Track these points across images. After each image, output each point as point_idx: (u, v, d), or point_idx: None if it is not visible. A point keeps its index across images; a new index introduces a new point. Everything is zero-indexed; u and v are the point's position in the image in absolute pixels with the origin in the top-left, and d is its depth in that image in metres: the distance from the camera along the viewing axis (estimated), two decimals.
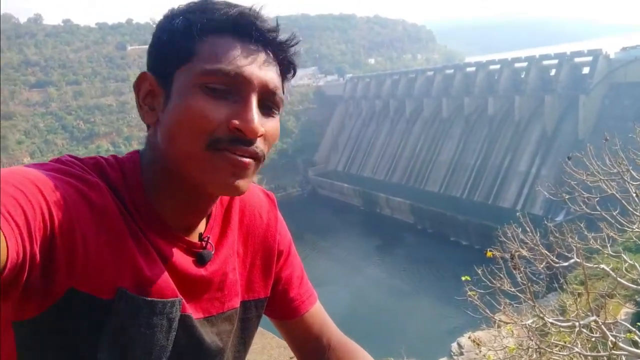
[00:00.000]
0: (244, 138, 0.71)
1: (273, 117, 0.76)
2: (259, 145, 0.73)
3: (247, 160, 0.72)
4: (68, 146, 57.59)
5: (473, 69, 47.26)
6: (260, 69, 0.72)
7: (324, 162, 58.90)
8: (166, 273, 0.75)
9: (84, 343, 0.69)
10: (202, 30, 0.71)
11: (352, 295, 28.72)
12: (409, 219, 40.77)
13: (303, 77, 72.22)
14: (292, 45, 0.77)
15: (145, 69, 0.78)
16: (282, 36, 0.76)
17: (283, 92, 0.79)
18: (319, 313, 1.05)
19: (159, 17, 0.77)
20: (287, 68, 0.79)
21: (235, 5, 0.74)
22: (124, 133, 60.15)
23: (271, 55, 0.75)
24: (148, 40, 0.79)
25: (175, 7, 0.76)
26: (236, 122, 0.70)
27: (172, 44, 0.72)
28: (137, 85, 0.76)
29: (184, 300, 0.78)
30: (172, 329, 0.75)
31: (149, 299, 0.72)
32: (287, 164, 56.76)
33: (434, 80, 49.98)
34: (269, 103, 0.75)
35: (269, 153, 0.79)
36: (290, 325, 1.02)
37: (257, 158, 0.74)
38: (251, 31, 0.72)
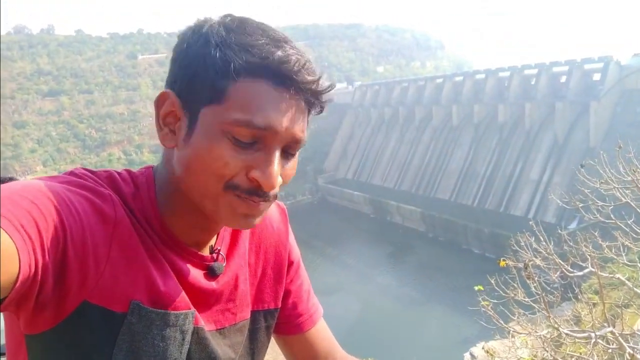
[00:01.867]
0: (260, 190, 0.70)
1: (294, 158, 0.76)
2: (275, 190, 0.73)
3: (262, 204, 0.73)
4: (80, 154, 58.25)
5: (482, 76, 47.05)
6: (291, 121, 0.70)
7: (333, 170, 58.88)
8: (179, 286, 0.75)
9: (97, 356, 0.69)
10: (238, 73, 0.67)
11: (362, 304, 28.56)
12: (420, 227, 40.52)
13: None
14: (327, 92, 0.75)
15: (156, 77, 0.76)
16: (321, 84, 0.72)
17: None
18: (324, 329, 1.03)
19: (170, 28, 0.74)
20: (315, 110, 0.76)
21: (278, 43, 0.69)
22: (135, 141, 60.71)
23: (303, 102, 0.72)
24: (159, 50, 0.77)
25: (210, 24, 0.71)
26: (256, 174, 0.69)
27: (205, 79, 0.68)
28: (159, 104, 0.73)
29: (196, 313, 0.78)
30: (185, 342, 0.75)
31: (162, 311, 0.72)
32: (297, 171, 54.59)
33: (443, 87, 49.84)
34: (293, 150, 0.74)
35: None
36: (294, 341, 1.00)
37: (270, 201, 0.74)
38: (292, 83, 0.69)
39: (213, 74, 0.68)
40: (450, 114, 47.00)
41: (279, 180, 0.71)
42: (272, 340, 1.05)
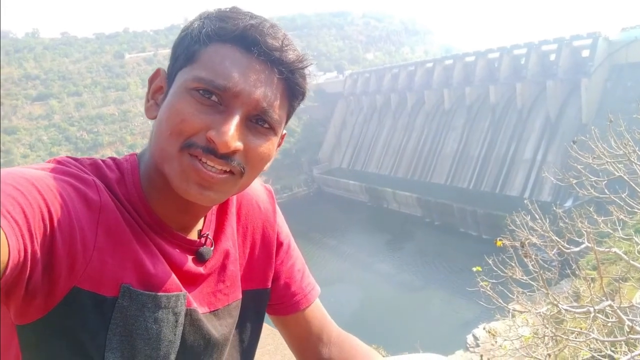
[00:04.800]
0: (216, 149, 0.70)
1: (265, 136, 0.74)
2: (237, 159, 0.72)
3: (214, 175, 0.71)
4: None
5: (472, 58, 46.96)
6: (255, 86, 0.70)
7: (328, 160, 58.83)
8: (169, 268, 0.76)
9: (91, 342, 0.68)
10: (209, 37, 0.71)
11: (363, 292, 28.70)
12: (417, 213, 40.64)
13: None
14: (300, 67, 0.75)
15: (144, 75, 0.79)
16: (289, 56, 0.73)
17: (291, 113, 0.79)
18: (319, 309, 1.04)
19: (156, 26, 0.78)
20: (293, 90, 0.76)
21: (253, 17, 0.72)
22: (127, 141, 60.31)
23: (276, 74, 0.72)
24: (146, 48, 0.79)
25: (208, 11, 0.76)
26: (212, 132, 0.69)
27: (182, 46, 0.74)
28: (151, 80, 0.79)
29: (189, 295, 0.79)
30: (178, 324, 0.76)
31: (153, 293, 0.72)
32: (292, 163, 56.75)
33: (433, 71, 49.75)
34: (261, 121, 0.73)
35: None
36: (290, 320, 1.01)
37: (234, 172, 0.72)
38: (254, 46, 0.70)
39: (189, 40, 0.73)
40: (442, 97, 46.97)
41: (237, 144, 0.70)
42: (273, 331, 1.05)
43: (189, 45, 0.72)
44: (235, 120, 0.70)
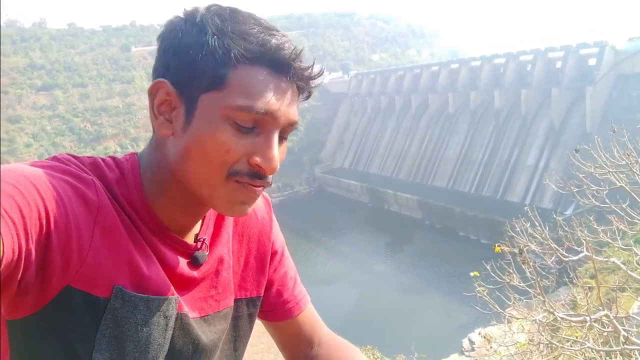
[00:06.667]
0: (262, 174, 0.72)
1: (285, 141, 0.78)
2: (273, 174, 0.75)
3: (260, 190, 0.75)
4: (76, 148, 57.92)
5: (478, 63, 46.91)
6: (288, 105, 0.73)
7: (330, 160, 58.84)
8: (163, 272, 0.76)
9: (80, 342, 0.68)
10: (237, 59, 0.69)
11: (361, 293, 28.74)
12: (417, 215, 40.64)
13: None
14: (316, 78, 0.78)
15: (150, 69, 0.77)
16: (312, 72, 0.76)
17: None
18: (311, 314, 1.05)
19: (163, 20, 0.76)
20: (304, 94, 0.79)
21: (270, 31, 0.72)
22: (131, 134, 60.41)
23: (297, 87, 0.75)
24: (152, 42, 0.79)
25: (202, 13, 0.73)
26: (257, 159, 0.71)
27: (204, 66, 0.70)
28: (153, 92, 0.74)
29: (180, 299, 0.78)
30: (168, 327, 0.76)
31: (145, 295, 0.72)
32: (293, 162, 56.78)
33: (439, 75, 49.71)
34: (286, 134, 0.77)
35: None
36: (282, 326, 1.02)
37: (269, 185, 0.76)
38: (289, 70, 0.72)
39: (212, 61, 0.69)
40: (446, 101, 46.93)
41: (279, 165, 0.74)
42: (266, 331, 1.07)
43: (215, 68, 0.69)
44: (276, 142, 0.73)
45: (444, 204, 37.91)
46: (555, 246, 6.04)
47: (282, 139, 0.76)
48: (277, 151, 0.73)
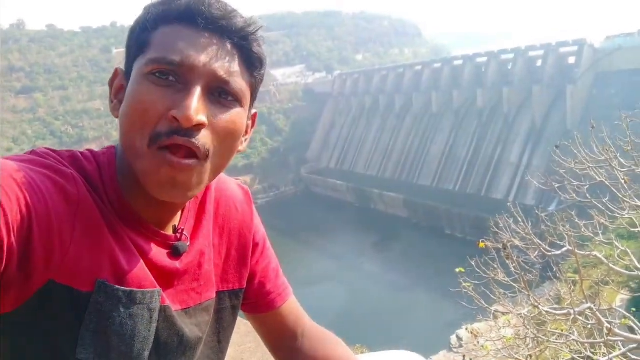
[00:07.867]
0: (179, 128, 0.67)
1: (230, 108, 0.73)
2: (202, 139, 0.69)
3: (187, 162, 0.69)
4: None
5: (460, 62, 47.38)
6: (210, 57, 0.70)
7: (316, 160, 58.84)
8: (144, 265, 0.75)
9: (62, 336, 0.68)
10: (155, 21, 0.72)
11: (349, 292, 28.78)
12: (403, 214, 40.86)
13: (291, 75, 72.08)
14: (251, 33, 0.74)
15: None
16: (237, 22, 0.73)
17: (255, 85, 0.78)
18: (294, 305, 1.06)
19: None
20: (249, 57, 0.76)
21: None
22: (113, 137, 59.59)
23: (228, 44, 0.72)
24: None
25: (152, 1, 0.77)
26: (174, 111, 0.67)
27: (132, 37, 0.75)
28: (111, 82, 0.79)
29: (162, 292, 0.78)
30: (152, 320, 0.75)
31: (128, 289, 0.72)
32: (279, 162, 56.66)
33: (422, 74, 50.08)
34: (223, 93, 0.72)
35: (261, 152, 0.78)
36: (265, 318, 1.02)
37: (199, 156, 0.70)
38: (198, 19, 0.70)
39: (137, 29, 0.74)
40: (430, 100, 47.26)
41: (201, 117, 0.68)
42: (253, 330, 1.07)
43: (139, 35, 0.73)
44: (195, 93, 0.68)
45: (430, 202, 38.18)
46: (538, 241, 6.13)
47: (222, 99, 0.72)
48: (197, 103, 0.68)
